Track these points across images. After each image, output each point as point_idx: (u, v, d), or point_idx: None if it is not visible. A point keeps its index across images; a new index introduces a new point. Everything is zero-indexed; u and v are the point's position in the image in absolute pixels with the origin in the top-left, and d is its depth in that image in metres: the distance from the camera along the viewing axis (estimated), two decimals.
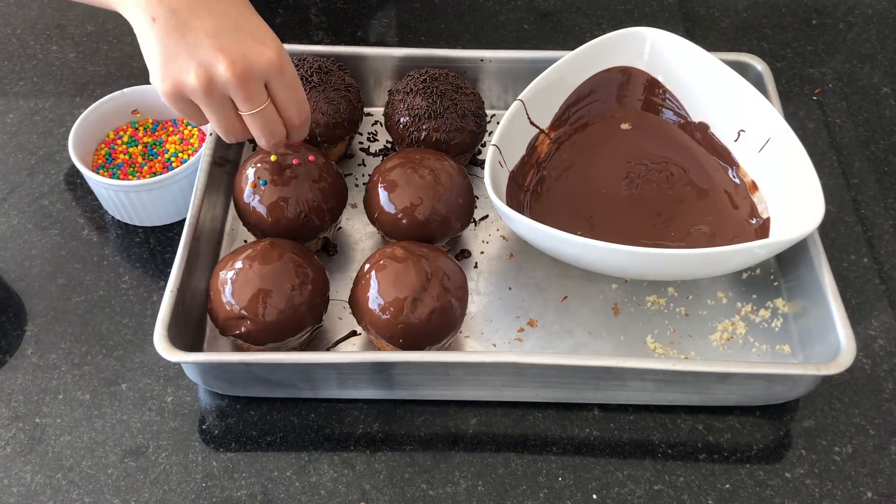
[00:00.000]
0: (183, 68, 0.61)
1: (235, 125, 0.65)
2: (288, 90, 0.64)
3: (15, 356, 0.73)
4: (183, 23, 0.60)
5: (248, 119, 0.64)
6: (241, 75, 0.61)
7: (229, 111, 0.64)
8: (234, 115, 0.64)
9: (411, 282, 0.66)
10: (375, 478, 0.67)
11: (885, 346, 0.75)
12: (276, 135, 0.66)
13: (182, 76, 0.61)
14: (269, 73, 0.62)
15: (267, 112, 0.64)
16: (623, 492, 0.67)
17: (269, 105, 0.64)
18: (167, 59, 0.61)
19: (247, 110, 0.63)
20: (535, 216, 0.77)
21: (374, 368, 0.67)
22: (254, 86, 0.62)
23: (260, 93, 0.63)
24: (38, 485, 0.67)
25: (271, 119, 0.65)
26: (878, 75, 0.97)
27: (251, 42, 0.62)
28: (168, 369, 0.73)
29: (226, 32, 0.61)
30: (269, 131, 0.65)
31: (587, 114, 0.84)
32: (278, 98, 0.64)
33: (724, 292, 0.77)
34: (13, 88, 0.93)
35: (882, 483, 0.68)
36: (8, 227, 0.81)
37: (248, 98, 0.62)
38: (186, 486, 0.67)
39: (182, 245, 0.71)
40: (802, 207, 0.71)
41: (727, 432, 0.70)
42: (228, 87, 0.61)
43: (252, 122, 0.64)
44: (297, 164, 0.73)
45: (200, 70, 0.60)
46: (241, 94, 0.62)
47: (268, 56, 0.62)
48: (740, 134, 0.80)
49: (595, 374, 0.68)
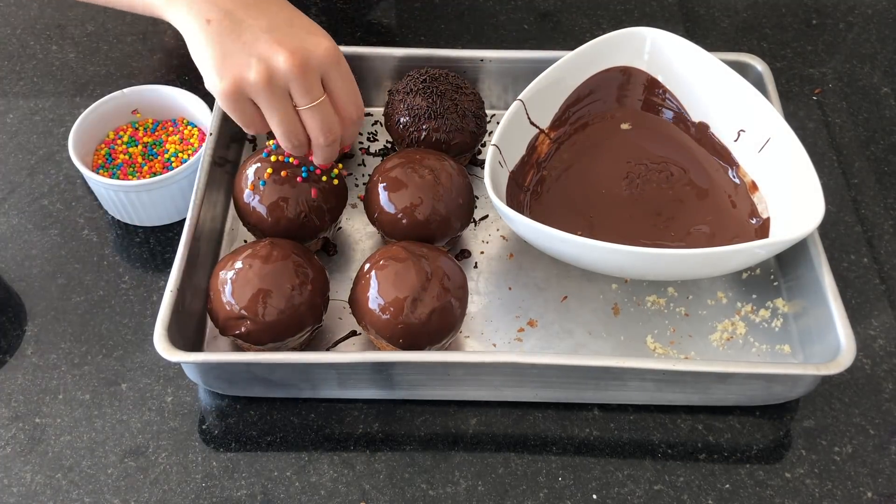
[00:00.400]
0: (242, 64, 0.61)
1: (296, 124, 0.65)
2: (345, 83, 0.65)
3: (15, 356, 0.73)
4: (238, 22, 0.62)
5: (307, 114, 0.64)
6: (300, 65, 0.61)
7: (290, 107, 0.64)
8: (294, 112, 0.64)
9: (411, 282, 0.66)
10: (375, 478, 0.67)
11: (885, 346, 0.75)
12: (333, 132, 0.66)
13: (242, 72, 0.61)
14: (326, 65, 0.63)
15: (325, 106, 0.64)
16: (623, 492, 0.67)
17: (327, 99, 0.65)
18: (225, 57, 0.61)
19: (306, 103, 0.63)
20: (535, 216, 0.77)
21: (374, 368, 0.67)
22: (312, 76, 0.63)
23: (318, 85, 0.63)
24: (38, 485, 0.67)
25: (329, 113, 0.65)
26: (878, 75, 0.97)
27: (306, 35, 0.63)
28: (168, 369, 0.73)
29: (281, 28, 0.62)
30: (326, 127, 0.65)
31: (587, 114, 0.84)
32: (335, 90, 0.65)
33: (724, 292, 0.77)
34: (13, 88, 0.93)
35: (882, 483, 0.68)
36: (8, 227, 0.81)
37: (307, 89, 0.63)
38: (186, 486, 0.67)
39: (182, 245, 0.71)
40: (802, 207, 0.71)
41: (727, 432, 0.70)
42: (289, 79, 0.62)
43: (311, 117, 0.64)
44: (297, 165, 0.73)
45: (261, 64, 0.61)
46: (302, 84, 0.62)
47: (325, 46, 0.63)
48: (740, 134, 0.80)
49: (595, 374, 0.68)
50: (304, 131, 0.66)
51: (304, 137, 0.66)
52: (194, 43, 0.63)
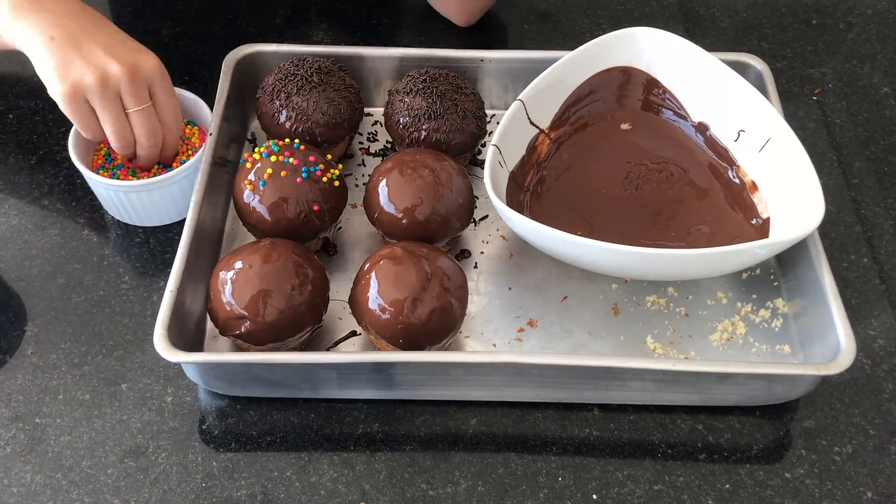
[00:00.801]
0: (80, 71, 0.71)
1: (125, 126, 0.74)
2: (167, 95, 0.76)
3: (15, 356, 0.73)
4: (77, 40, 0.72)
5: (135, 117, 0.74)
6: (130, 73, 0.72)
7: (120, 110, 0.73)
8: (124, 115, 0.74)
9: (411, 282, 0.66)
10: (375, 478, 0.67)
11: (885, 346, 0.75)
12: (156, 135, 0.76)
13: (79, 77, 0.71)
14: (152, 77, 0.74)
15: (150, 111, 0.75)
16: (623, 492, 0.67)
17: (152, 107, 0.75)
18: (65, 66, 0.71)
19: (134, 106, 0.73)
20: (535, 216, 0.77)
21: (374, 368, 0.67)
22: (141, 84, 0.73)
23: (145, 93, 0.74)
24: (38, 485, 0.67)
25: (153, 118, 0.75)
26: (878, 75, 0.97)
27: (137, 52, 0.74)
28: (168, 369, 0.73)
29: (115, 45, 0.73)
30: (150, 130, 0.75)
31: (587, 114, 0.84)
32: (158, 100, 0.75)
33: (724, 292, 0.77)
34: (13, 89, 0.93)
35: (882, 483, 0.68)
36: (8, 227, 0.81)
37: (136, 94, 0.73)
38: (186, 486, 0.67)
39: (182, 245, 0.71)
40: (802, 207, 0.71)
41: (727, 432, 0.70)
42: (120, 84, 0.72)
43: (138, 120, 0.74)
44: (297, 165, 0.73)
45: (97, 71, 0.71)
46: (132, 90, 0.72)
47: (152, 62, 0.74)
48: (740, 134, 0.80)
49: (595, 374, 0.68)
50: (131, 133, 0.75)
51: (131, 138, 0.75)
52: (39, 56, 0.72)
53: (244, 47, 0.87)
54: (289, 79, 0.80)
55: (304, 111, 0.79)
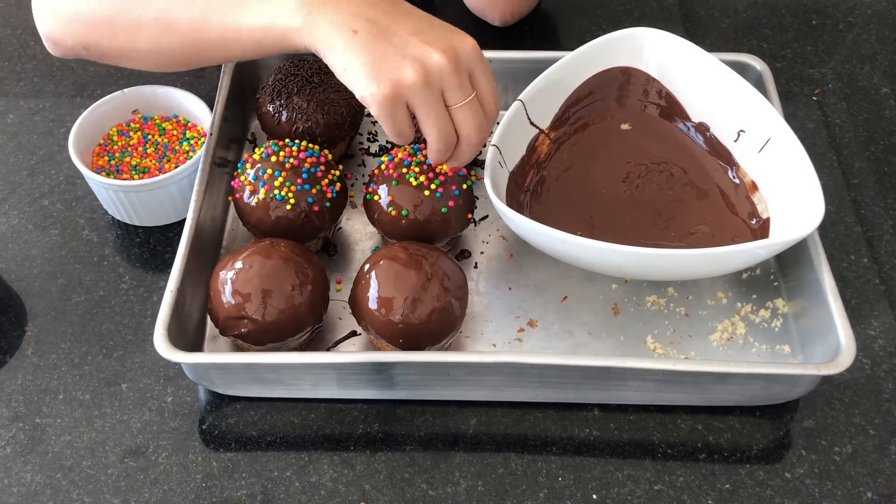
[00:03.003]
0: (397, 67, 0.61)
1: (450, 124, 0.64)
2: (489, 81, 0.66)
3: (15, 356, 0.73)
4: (385, 29, 0.62)
5: (460, 112, 0.64)
6: (453, 61, 0.62)
7: (444, 107, 0.63)
8: (447, 113, 0.64)
9: (411, 282, 0.66)
10: (375, 478, 0.67)
11: (885, 346, 0.75)
12: (483, 130, 0.66)
13: (398, 74, 0.61)
14: (473, 61, 0.64)
15: (475, 103, 0.65)
16: (623, 492, 0.67)
17: (475, 96, 0.65)
18: (378, 63, 0.61)
19: (459, 101, 0.63)
20: (535, 216, 0.77)
21: (374, 368, 0.67)
22: (463, 73, 0.63)
23: (468, 82, 0.64)
24: (38, 485, 0.67)
25: (478, 111, 0.65)
26: (878, 75, 0.97)
27: (451, 34, 0.64)
28: (168, 369, 0.73)
29: (426, 30, 0.63)
30: (478, 125, 0.65)
31: (587, 114, 0.84)
32: (481, 87, 0.65)
33: (724, 292, 0.77)
34: (13, 88, 0.93)
35: (882, 483, 0.68)
36: (8, 227, 0.81)
37: (460, 86, 0.63)
38: (186, 486, 0.67)
39: (182, 245, 0.71)
40: (802, 207, 0.71)
41: (727, 432, 0.70)
42: (444, 76, 0.62)
43: (463, 116, 0.64)
44: (297, 165, 0.73)
45: (416, 64, 0.61)
46: (455, 82, 0.62)
47: (470, 43, 0.64)
48: (740, 134, 0.80)
49: (595, 374, 0.68)
50: (454, 132, 0.65)
51: (454, 138, 0.65)
52: (343, 56, 0.62)
53: None
54: (289, 79, 0.80)
55: (304, 111, 0.79)
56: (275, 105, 0.80)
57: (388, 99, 0.61)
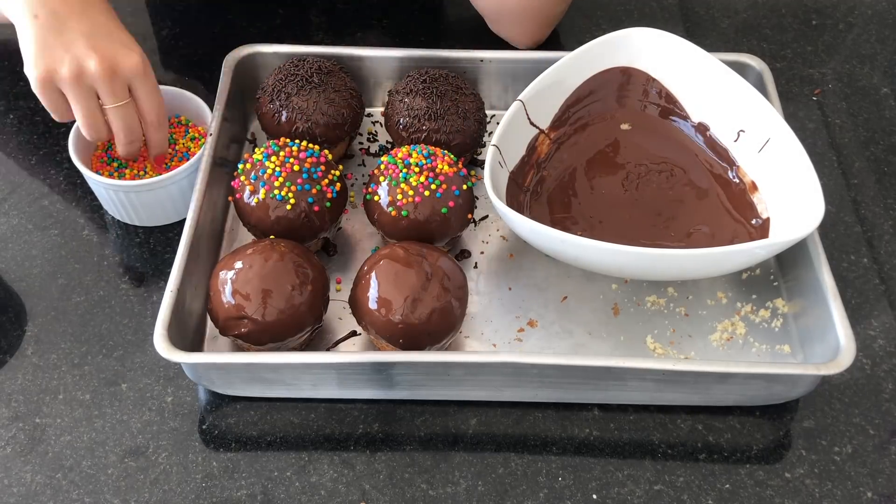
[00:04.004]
0: (57, 59, 0.69)
1: (98, 119, 0.73)
2: (148, 94, 0.73)
3: (15, 356, 0.73)
4: (62, 22, 0.69)
5: (111, 113, 0.72)
6: (108, 71, 0.70)
7: (94, 104, 0.72)
8: (97, 109, 0.72)
9: (411, 282, 0.66)
10: (375, 478, 0.67)
11: (885, 346, 0.75)
12: (134, 132, 0.74)
13: (55, 65, 0.69)
14: (133, 76, 0.72)
15: (128, 109, 0.73)
16: (623, 492, 0.67)
17: (131, 104, 0.73)
18: (43, 50, 0.69)
19: (110, 104, 0.72)
20: (535, 216, 0.77)
21: (374, 368, 0.67)
22: (119, 83, 0.71)
23: (123, 90, 0.72)
24: (38, 485, 0.67)
25: (131, 116, 0.73)
26: (878, 75, 0.97)
27: (121, 47, 0.71)
28: (168, 369, 0.73)
29: (100, 36, 0.70)
30: (127, 128, 0.73)
31: (587, 114, 0.84)
32: (139, 98, 0.73)
33: (724, 292, 0.77)
34: (13, 88, 0.93)
35: (882, 483, 0.68)
36: (8, 227, 0.81)
37: (112, 92, 0.71)
38: (186, 486, 0.67)
39: (182, 245, 0.71)
40: (802, 207, 0.72)
41: (727, 432, 0.70)
42: (96, 81, 0.70)
43: (114, 117, 0.72)
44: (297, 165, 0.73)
45: (74, 62, 0.69)
46: (107, 88, 0.70)
47: (134, 60, 0.71)
48: (740, 134, 0.80)
49: (595, 374, 0.68)
50: (104, 125, 0.73)
51: (104, 131, 0.74)
52: (21, 34, 0.70)
53: (244, 47, 0.87)
54: (289, 79, 0.80)
55: (304, 111, 0.79)
56: (275, 105, 0.80)
57: (41, 83, 0.70)
